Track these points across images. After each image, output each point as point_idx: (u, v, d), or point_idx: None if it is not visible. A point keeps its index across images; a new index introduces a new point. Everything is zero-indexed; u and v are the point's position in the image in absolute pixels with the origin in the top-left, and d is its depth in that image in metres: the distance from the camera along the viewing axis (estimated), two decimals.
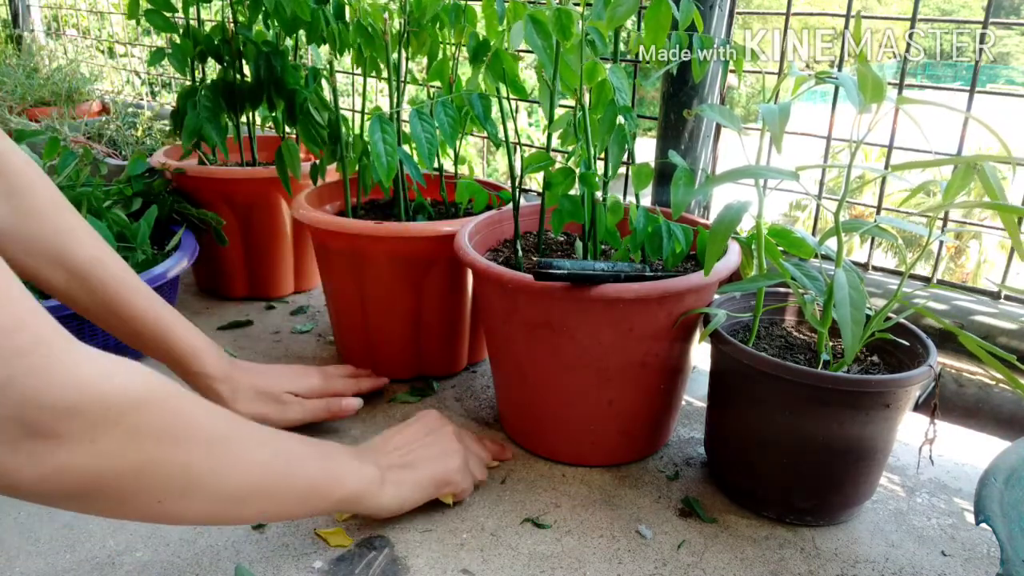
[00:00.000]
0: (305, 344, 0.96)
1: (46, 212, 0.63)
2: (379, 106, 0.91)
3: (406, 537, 0.61)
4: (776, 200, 5.55)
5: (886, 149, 0.84)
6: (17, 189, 0.62)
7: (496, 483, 0.69)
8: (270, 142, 1.13)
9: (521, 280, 0.64)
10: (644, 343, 0.65)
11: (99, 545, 0.60)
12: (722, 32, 0.92)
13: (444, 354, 0.87)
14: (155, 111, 1.71)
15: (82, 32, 2.35)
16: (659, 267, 0.73)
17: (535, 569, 0.58)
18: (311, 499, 0.53)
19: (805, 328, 0.71)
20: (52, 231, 0.63)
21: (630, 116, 0.68)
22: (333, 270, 0.85)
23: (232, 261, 1.06)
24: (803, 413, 0.59)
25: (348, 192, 0.89)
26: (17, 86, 1.74)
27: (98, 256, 0.66)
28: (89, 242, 0.66)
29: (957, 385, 0.83)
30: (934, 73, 1.05)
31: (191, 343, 0.69)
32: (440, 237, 0.78)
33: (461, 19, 0.82)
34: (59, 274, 0.64)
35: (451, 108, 0.74)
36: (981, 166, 0.52)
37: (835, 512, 0.64)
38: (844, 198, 0.60)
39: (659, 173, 0.93)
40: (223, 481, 0.46)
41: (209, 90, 0.96)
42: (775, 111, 0.54)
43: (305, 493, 0.52)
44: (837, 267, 0.58)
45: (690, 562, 0.60)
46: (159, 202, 0.96)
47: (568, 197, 0.71)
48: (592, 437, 0.70)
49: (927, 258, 0.71)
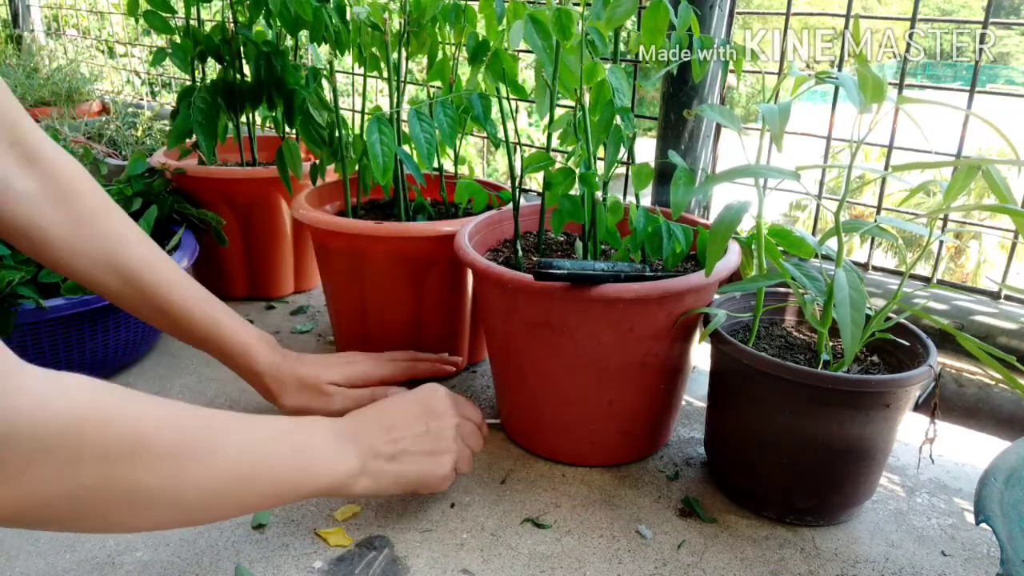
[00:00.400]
0: (305, 344, 0.96)
1: (96, 218, 0.64)
2: (379, 106, 0.91)
3: (406, 537, 0.61)
4: (776, 200, 5.55)
5: (886, 149, 0.84)
6: (68, 195, 0.63)
7: (496, 483, 0.69)
8: (270, 142, 1.13)
9: (521, 280, 0.64)
10: (644, 343, 0.65)
11: (99, 545, 0.60)
12: (722, 32, 0.92)
13: (444, 353, 0.87)
14: (155, 111, 1.71)
15: (82, 32, 2.35)
16: (659, 267, 0.73)
17: (535, 569, 0.58)
18: (278, 497, 0.52)
19: (805, 328, 0.71)
20: (103, 236, 0.64)
21: (628, 117, 0.68)
22: (333, 270, 0.85)
23: (232, 261, 1.06)
24: (803, 413, 0.59)
25: (348, 192, 0.89)
26: (17, 86, 1.74)
27: (148, 258, 0.66)
28: (138, 245, 0.66)
29: (957, 385, 0.83)
30: (934, 73, 1.05)
31: (241, 340, 0.69)
32: (440, 237, 0.78)
33: (461, 19, 0.82)
34: (112, 278, 0.65)
35: (451, 108, 0.74)
36: (987, 167, 0.52)
37: (835, 512, 0.64)
38: (844, 198, 0.60)
39: (659, 173, 0.93)
40: (178, 494, 0.44)
41: (206, 91, 0.96)
42: (775, 111, 0.54)
43: (271, 493, 0.51)
44: (837, 267, 0.58)
45: (690, 562, 0.60)
46: (159, 202, 0.96)
47: (568, 197, 0.71)
48: (592, 437, 0.70)
49: (927, 258, 0.71)
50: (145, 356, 0.91)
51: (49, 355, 0.77)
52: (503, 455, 0.73)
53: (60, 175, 0.62)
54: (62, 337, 0.77)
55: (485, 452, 0.73)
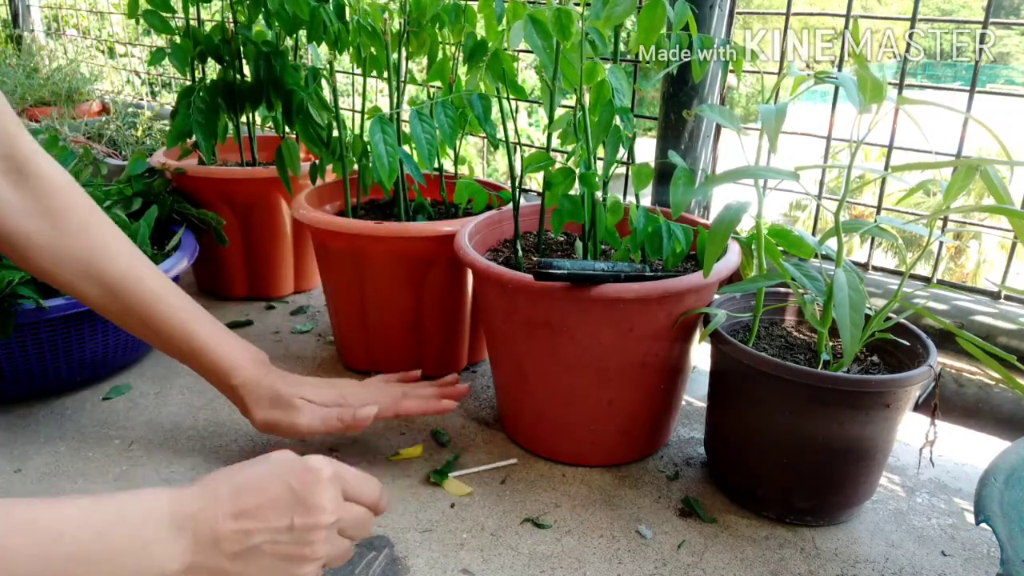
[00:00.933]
0: (305, 344, 0.96)
1: (81, 230, 0.65)
2: (379, 106, 0.91)
3: (406, 537, 0.61)
4: (776, 200, 5.55)
5: (886, 149, 0.84)
6: (54, 207, 0.64)
7: (496, 483, 0.69)
8: (270, 142, 1.13)
9: (521, 280, 0.64)
10: (644, 343, 0.65)
11: None
12: (722, 32, 0.92)
13: (444, 354, 0.87)
14: (155, 111, 1.71)
15: (82, 32, 2.35)
16: (659, 267, 0.73)
17: (535, 569, 0.58)
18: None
19: (805, 328, 0.71)
20: (86, 248, 0.65)
21: (627, 117, 0.68)
22: (333, 270, 0.85)
23: (232, 261, 1.06)
24: (803, 413, 0.59)
25: (348, 192, 0.89)
26: (17, 86, 1.75)
27: (132, 271, 0.66)
28: (123, 258, 0.66)
29: (957, 385, 0.83)
30: (934, 73, 1.05)
31: (218, 355, 0.67)
32: (440, 237, 0.78)
33: (461, 19, 0.82)
34: (93, 289, 0.65)
35: (451, 108, 0.74)
36: (985, 168, 0.52)
37: (835, 512, 0.64)
38: (844, 198, 0.60)
39: (659, 173, 0.93)
40: None
41: (206, 91, 0.96)
42: (772, 112, 0.54)
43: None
44: (837, 267, 0.58)
45: (690, 562, 0.60)
46: (159, 202, 0.96)
47: (568, 197, 0.71)
48: (592, 437, 0.70)
49: (927, 258, 0.71)
50: (145, 356, 0.91)
51: (49, 355, 0.77)
52: (503, 455, 0.73)
53: (48, 187, 0.64)
54: (62, 337, 0.77)
55: (485, 452, 0.74)
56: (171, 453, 0.72)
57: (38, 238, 0.63)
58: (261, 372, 0.68)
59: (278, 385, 0.68)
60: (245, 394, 0.67)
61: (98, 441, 0.74)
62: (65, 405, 0.80)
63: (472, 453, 0.73)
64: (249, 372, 0.68)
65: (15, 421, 0.77)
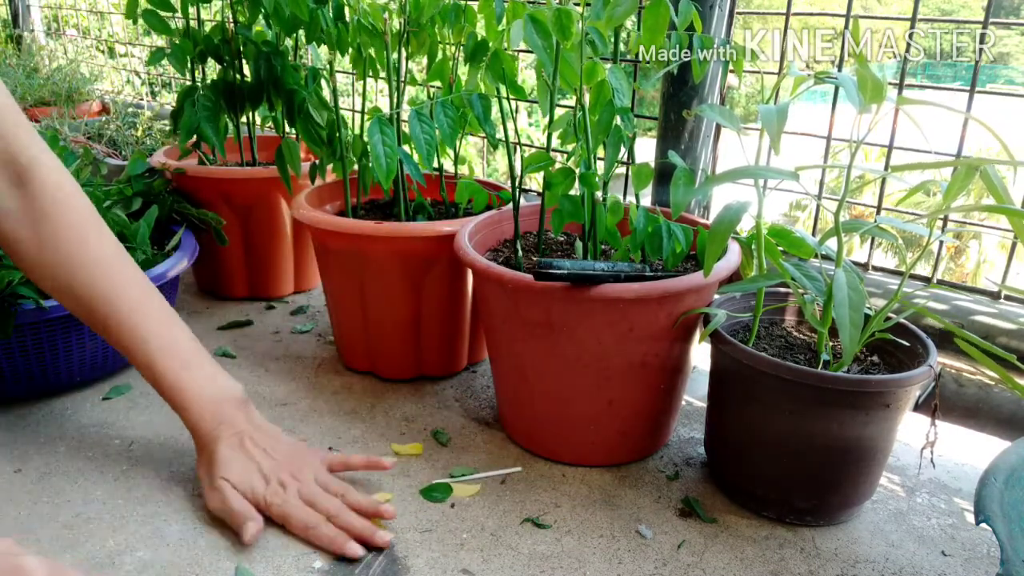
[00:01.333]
0: (305, 344, 0.96)
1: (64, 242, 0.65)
2: (379, 106, 0.91)
3: (406, 537, 0.61)
4: (776, 200, 5.55)
5: (886, 149, 0.84)
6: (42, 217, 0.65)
7: (496, 483, 0.69)
8: (270, 142, 1.13)
9: (521, 280, 0.64)
10: (644, 343, 0.65)
11: (99, 545, 0.60)
12: (722, 32, 0.92)
13: (444, 354, 0.87)
14: (155, 111, 1.71)
15: (82, 32, 2.35)
16: (659, 267, 0.73)
17: (535, 569, 0.58)
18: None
19: (805, 328, 0.71)
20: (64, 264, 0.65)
21: (627, 117, 0.68)
22: (333, 270, 0.85)
23: (232, 261, 1.06)
24: (803, 413, 0.59)
25: (348, 192, 0.89)
26: (17, 86, 1.74)
27: (108, 296, 0.66)
28: (102, 279, 0.66)
29: (957, 385, 0.83)
30: (934, 73, 1.05)
31: (191, 412, 0.65)
32: (440, 237, 0.78)
33: (460, 19, 0.82)
34: (72, 304, 0.67)
35: (451, 109, 0.74)
36: (984, 168, 0.52)
37: (835, 512, 0.64)
38: (844, 198, 0.60)
39: (659, 173, 0.93)
40: None
41: (209, 89, 0.96)
42: (772, 113, 0.54)
43: None
44: (837, 267, 0.58)
45: (690, 562, 0.60)
46: (159, 202, 0.96)
47: (568, 197, 0.71)
48: (592, 437, 0.70)
49: (927, 258, 0.71)
50: None
51: (49, 355, 0.77)
52: (503, 455, 0.73)
53: (43, 197, 0.64)
54: (62, 337, 0.77)
55: (485, 452, 0.74)
56: (171, 453, 0.72)
57: (22, 245, 0.65)
58: (210, 426, 0.65)
59: (218, 453, 0.63)
60: (195, 439, 0.66)
61: (98, 441, 0.74)
62: (65, 405, 0.80)
63: (472, 453, 0.73)
64: (196, 421, 0.65)
65: (15, 421, 0.77)
